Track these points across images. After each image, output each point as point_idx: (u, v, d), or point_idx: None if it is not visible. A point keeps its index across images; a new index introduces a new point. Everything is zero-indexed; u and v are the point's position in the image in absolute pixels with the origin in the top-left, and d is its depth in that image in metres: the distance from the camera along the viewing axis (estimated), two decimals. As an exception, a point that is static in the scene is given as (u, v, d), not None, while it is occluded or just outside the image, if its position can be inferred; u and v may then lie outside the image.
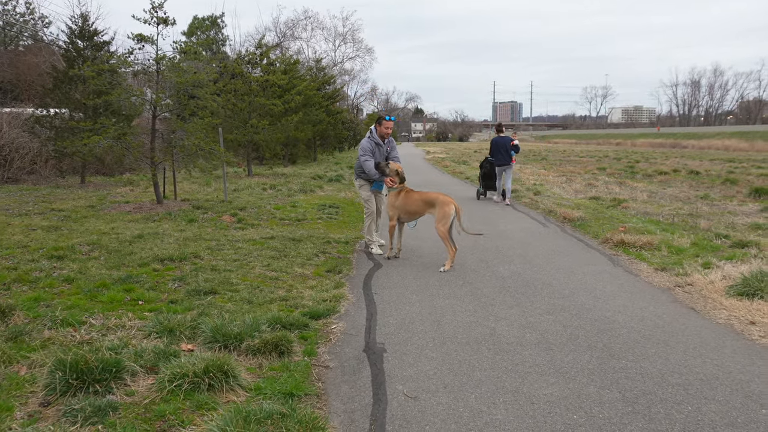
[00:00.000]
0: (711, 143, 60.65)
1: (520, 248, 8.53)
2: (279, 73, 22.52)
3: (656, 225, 10.44)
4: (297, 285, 6.31)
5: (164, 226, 9.53)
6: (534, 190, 16.31)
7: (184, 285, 6.17)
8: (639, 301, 5.86)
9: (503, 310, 5.55)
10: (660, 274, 7.00)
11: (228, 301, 5.64)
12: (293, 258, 7.52)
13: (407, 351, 4.50)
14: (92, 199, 13.35)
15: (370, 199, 8.25)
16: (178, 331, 4.52)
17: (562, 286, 6.42)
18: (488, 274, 6.96)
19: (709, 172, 24.69)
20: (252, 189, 15.92)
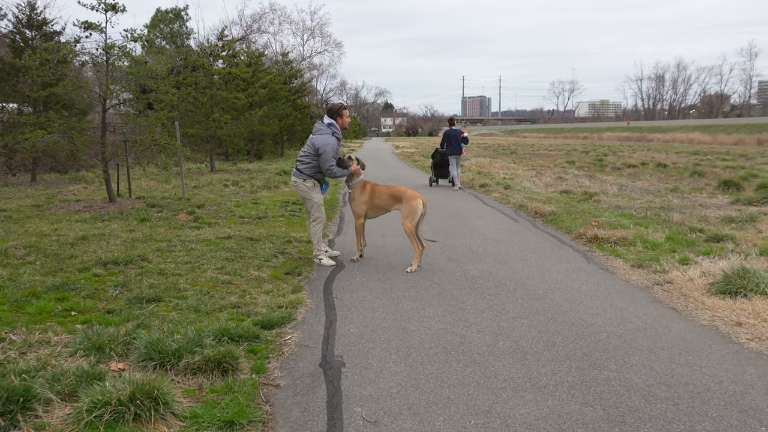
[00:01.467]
0: (675, 136, 61.66)
1: (491, 246, 8.15)
2: (243, 65, 21.83)
3: (629, 219, 10.18)
4: (251, 290, 5.80)
5: (113, 226, 8.89)
6: (504, 185, 16.02)
7: (126, 292, 5.62)
8: (617, 302, 5.51)
9: (474, 314, 5.14)
10: (637, 271, 6.67)
11: (173, 309, 5.11)
12: (250, 259, 7.00)
13: (368, 365, 4.05)
14: (40, 197, 12.59)
15: (322, 204, 7.17)
16: (109, 347, 3.99)
17: (536, 286, 6.03)
18: (458, 274, 6.54)
19: (676, 165, 24.78)
20: (213, 186, 15.28)
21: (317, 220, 7.09)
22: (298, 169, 6.99)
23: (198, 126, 19.44)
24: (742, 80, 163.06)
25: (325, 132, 6.84)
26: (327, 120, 6.95)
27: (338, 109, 7.00)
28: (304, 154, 7.00)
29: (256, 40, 63.08)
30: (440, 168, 16.48)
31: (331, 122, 6.93)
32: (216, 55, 20.30)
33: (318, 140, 6.79)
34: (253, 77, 23.21)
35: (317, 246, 7.10)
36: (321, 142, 6.77)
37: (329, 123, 6.93)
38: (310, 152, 6.91)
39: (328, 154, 6.74)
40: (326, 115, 7.03)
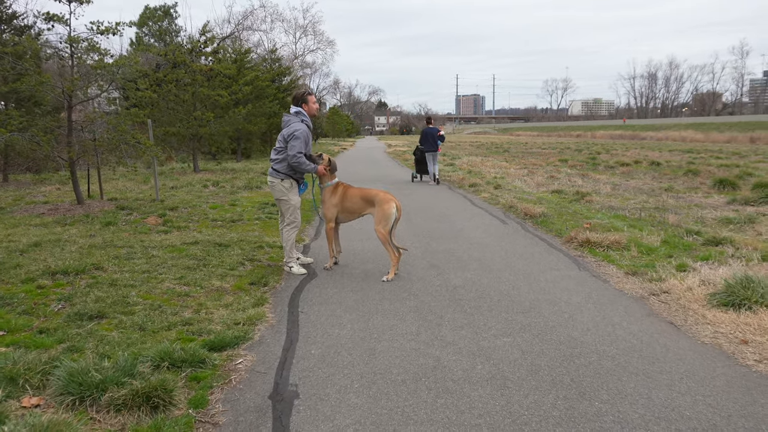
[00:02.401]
0: (668, 134, 61.51)
1: (476, 250, 7.64)
2: (226, 62, 21.26)
3: (623, 220, 9.70)
4: (209, 303, 5.27)
5: (72, 231, 8.33)
6: (495, 184, 15.52)
7: (68, 306, 5.08)
8: (610, 315, 5.01)
9: (452, 331, 4.63)
10: (631, 279, 6.18)
11: (115, 327, 4.57)
12: (214, 268, 6.46)
13: (326, 395, 3.53)
14: (7, 199, 12.00)
15: (299, 207, 6.56)
16: (24, 378, 3.46)
17: (522, 297, 5.53)
18: (438, 284, 6.03)
19: (669, 163, 24.37)
20: (192, 186, 14.72)
21: (291, 225, 6.51)
22: (273, 169, 6.42)
23: (180, 124, 18.86)
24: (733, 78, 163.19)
25: (294, 120, 6.33)
26: (293, 109, 6.43)
27: (302, 95, 6.47)
28: (277, 150, 6.44)
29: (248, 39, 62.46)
30: (421, 164, 17.18)
31: (298, 110, 6.41)
32: (198, 51, 19.70)
33: (286, 131, 6.29)
34: (238, 74, 22.65)
35: (288, 253, 6.52)
36: (289, 131, 6.25)
37: (296, 111, 6.41)
38: (282, 147, 6.35)
39: (297, 140, 6.17)
40: (292, 104, 6.50)
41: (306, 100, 6.42)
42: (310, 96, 6.48)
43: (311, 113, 6.47)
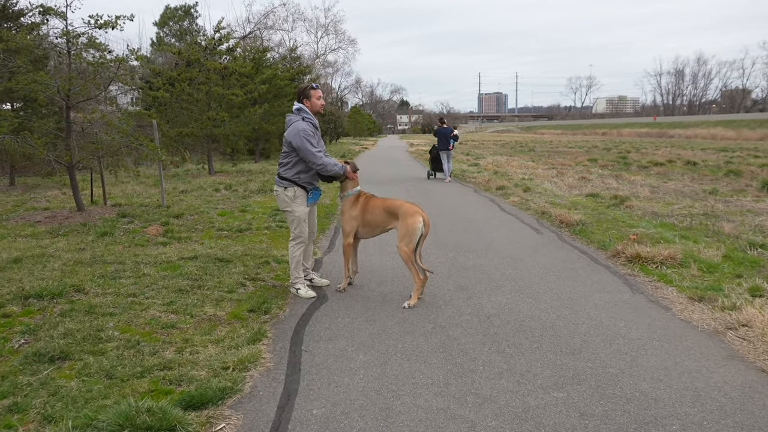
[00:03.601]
0: (697, 132, 59.85)
1: (509, 267, 6.72)
2: (241, 60, 20.54)
3: (671, 230, 8.69)
4: (197, 338, 4.44)
5: (60, 244, 7.58)
6: (523, 186, 14.54)
7: (33, 341, 4.29)
8: (682, 358, 4.07)
9: (488, 381, 3.73)
10: (698, 306, 5.22)
11: (77, 374, 3.76)
12: (209, 290, 5.64)
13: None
14: (6, 205, 11.38)
15: (304, 219, 5.65)
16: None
17: (570, 332, 4.61)
18: (468, 311, 5.13)
19: (706, 163, 23.12)
20: (203, 190, 13.98)
21: (297, 240, 5.67)
22: (279, 176, 5.62)
23: (193, 125, 18.17)
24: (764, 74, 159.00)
25: (294, 120, 5.49)
26: (295, 106, 5.58)
27: (304, 89, 5.58)
28: (283, 155, 5.62)
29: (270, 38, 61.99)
30: (436, 162, 17.68)
31: (299, 107, 5.55)
32: (213, 48, 18.99)
33: (288, 133, 5.46)
34: (256, 72, 21.92)
35: (294, 271, 5.70)
36: (291, 133, 5.42)
37: (297, 108, 5.56)
38: (287, 151, 5.55)
39: (305, 143, 5.36)
40: (295, 101, 5.66)
41: (308, 95, 5.54)
42: (314, 90, 5.54)
43: (314, 110, 5.58)
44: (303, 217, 5.63)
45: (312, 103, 5.55)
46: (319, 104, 5.58)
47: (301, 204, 5.60)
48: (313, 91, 5.54)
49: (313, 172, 5.58)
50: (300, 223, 5.64)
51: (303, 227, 5.65)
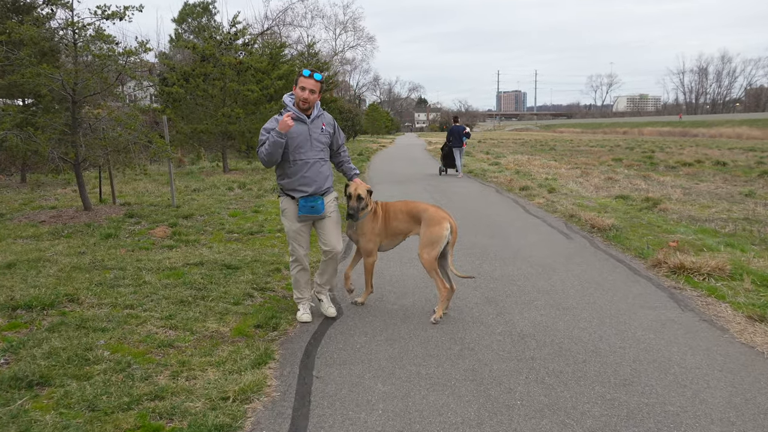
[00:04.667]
0: (721, 131, 58.51)
1: (541, 278, 6.16)
2: (258, 56, 20.12)
3: (713, 236, 8.07)
4: (195, 359, 3.95)
5: (59, 247, 7.13)
6: (548, 187, 13.92)
7: (13, 362, 3.83)
8: (752, 392, 3.50)
9: (528, 421, 3.19)
10: (759, 327, 4.62)
11: (56, 405, 3.29)
12: (213, 301, 5.16)
13: None
14: (13, 203, 11.02)
15: (294, 237, 4.74)
16: None
17: (617, 357, 4.05)
18: (499, 330, 4.59)
19: (736, 163, 22.28)
20: (216, 188, 13.54)
21: (291, 260, 4.91)
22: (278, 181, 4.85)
23: (208, 121, 17.78)
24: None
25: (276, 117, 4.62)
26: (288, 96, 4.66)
27: (297, 75, 4.62)
28: None
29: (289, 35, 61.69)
30: (448, 159, 18.45)
31: (289, 96, 4.63)
32: (228, 44, 18.58)
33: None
34: (272, 68, 21.48)
35: (294, 291, 4.96)
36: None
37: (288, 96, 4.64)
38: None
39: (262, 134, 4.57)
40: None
41: (296, 81, 4.53)
42: (302, 78, 4.47)
43: (301, 100, 4.48)
44: (291, 234, 4.73)
45: (296, 93, 4.52)
46: (301, 96, 4.47)
47: (288, 218, 4.70)
48: (300, 78, 4.48)
49: (297, 177, 4.56)
50: (290, 241, 4.80)
51: (294, 246, 4.78)
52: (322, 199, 4.63)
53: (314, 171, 4.58)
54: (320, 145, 4.64)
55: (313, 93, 4.46)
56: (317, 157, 4.61)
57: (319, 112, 4.64)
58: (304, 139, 4.53)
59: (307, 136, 4.55)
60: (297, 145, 4.50)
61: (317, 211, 4.62)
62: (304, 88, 4.43)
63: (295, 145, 4.50)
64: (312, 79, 4.45)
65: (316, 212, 4.62)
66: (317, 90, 4.50)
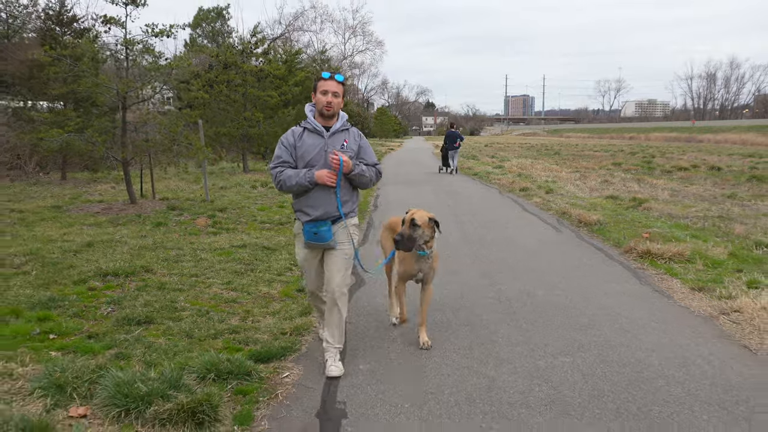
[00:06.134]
0: (727, 137, 59.00)
1: (530, 260, 7.36)
2: (276, 63, 21.42)
3: (684, 230, 9.23)
4: (256, 310, 5.19)
5: (123, 231, 8.43)
6: (546, 188, 15.10)
7: (118, 309, 5.08)
8: (677, 336, 4.69)
9: (507, 347, 4.40)
10: (698, 295, 5.81)
11: (163, 334, 4.53)
12: (261, 273, 6.40)
13: (375, 416, 3.37)
14: (65, 197, 12.32)
15: (302, 264, 4.26)
16: (72, 387, 3.41)
17: (579, 312, 5.25)
18: (491, 295, 5.80)
19: (731, 168, 23.33)
20: (241, 187, 14.83)
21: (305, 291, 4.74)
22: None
23: (230, 125, 19.08)
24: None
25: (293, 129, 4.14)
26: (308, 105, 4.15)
27: (314, 80, 4.08)
28: None
29: (298, 39, 63.16)
30: (446, 159, 21.49)
31: (309, 107, 4.13)
32: (249, 52, 19.90)
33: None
34: (288, 75, 22.79)
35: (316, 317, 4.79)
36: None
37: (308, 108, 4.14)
38: None
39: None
40: None
41: (314, 88, 4.02)
42: (321, 81, 3.97)
43: (321, 106, 3.95)
44: (300, 262, 4.27)
45: (316, 99, 3.99)
46: (323, 101, 3.93)
47: (299, 244, 4.17)
48: (320, 83, 3.97)
49: (304, 197, 4.00)
50: (300, 265, 4.33)
51: (304, 275, 4.35)
52: (329, 226, 3.95)
53: (324, 192, 3.94)
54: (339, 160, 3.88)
55: (336, 96, 3.94)
56: None
57: (344, 126, 4.08)
58: (318, 155, 3.96)
59: (322, 152, 3.95)
60: (309, 161, 3.96)
61: (321, 239, 3.96)
62: (326, 92, 3.92)
63: (307, 160, 3.96)
64: (333, 80, 3.95)
65: (319, 240, 3.96)
66: (340, 93, 3.97)
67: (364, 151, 4.15)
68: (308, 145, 3.98)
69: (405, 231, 4.21)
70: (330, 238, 3.98)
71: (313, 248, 4.08)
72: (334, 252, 4.04)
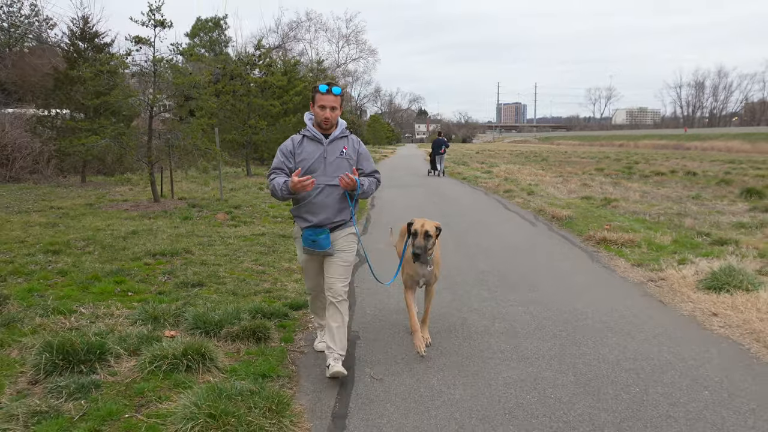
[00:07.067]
0: (714, 144, 60.50)
1: (505, 246, 8.75)
2: (278, 74, 22.82)
3: (642, 223, 10.64)
4: (282, 278, 6.55)
5: (159, 223, 9.79)
6: (528, 190, 16.52)
7: (173, 278, 6.42)
8: (610, 295, 6.08)
9: (477, 302, 5.78)
10: (636, 269, 7.21)
11: (214, 292, 5.88)
12: (281, 253, 7.76)
13: (380, 338, 4.74)
14: (91, 197, 13.63)
15: (303, 268, 4.37)
16: (163, 318, 4.77)
17: (537, 280, 6.64)
18: (466, 269, 7.18)
19: (706, 173, 24.83)
20: (248, 188, 16.18)
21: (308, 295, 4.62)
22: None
23: (235, 132, 20.44)
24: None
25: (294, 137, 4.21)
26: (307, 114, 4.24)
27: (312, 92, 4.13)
28: None
29: (292, 48, 64.66)
30: (433, 163, 24.57)
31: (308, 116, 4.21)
32: (253, 64, 21.32)
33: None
34: (288, 85, 24.19)
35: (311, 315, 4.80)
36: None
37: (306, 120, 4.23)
38: None
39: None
40: None
41: (313, 99, 4.07)
42: (319, 94, 4.00)
43: (320, 118, 4.03)
44: (301, 264, 4.38)
45: (314, 112, 4.07)
46: (321, 116, 4.00)
47: (299, 247, 4.26)
48: (317, 96, 4.01)
49: (303, 203, 4.07)
50: (303, 270, 4.43)
51: (306, 278, 4.44)
52: (327, 233, 4.01)
53: (323, 198, 4.02)
54: (336, 170, 4.03)
55: (334, 110, 4.00)
56: (331, 183, 4.01)
57: (343, 133, 4.14)
58: (317, 162, 4.03)
59: (321, 159, 4.04)
60: (308, 168, 4.00)
61: (319, 246, 4.01)
62: (324, 107, 3.97)
63: (307, 167, 4.00)
64: (331, 94, 3.98)
65: (317, 248, 4.02)
66: (338, 105, 4.02)
67: (364, 158, 4.23)
68: (308, 152, 4.05)
69: (421, 243, 4.30)
70: (328, 246, 4.02)
71: (312, 254, 4.11)
72: (333, 259, 4.08)
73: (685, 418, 3.44)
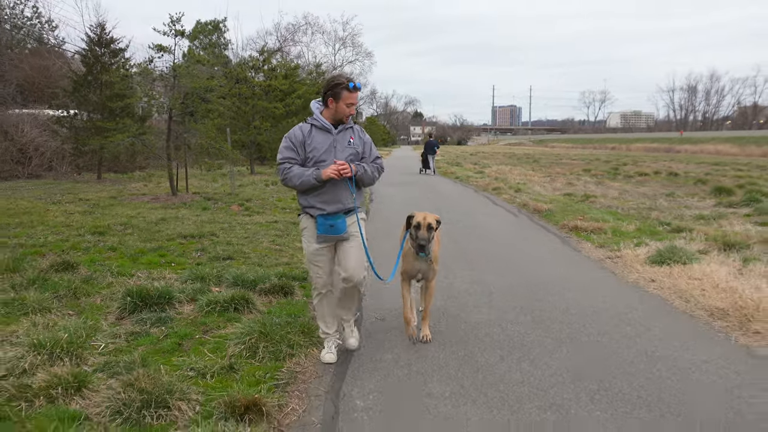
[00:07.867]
0: (704, 148, 61.59)
1: (491, 233, 9.97)
2: (280, 77, 24.02)
3: (613, 215, 11.88)
4: (298, 254, 7.74)
5: (182, 212, 10.98)
6: (516, 188, 17.75)
7: (205, 254, 7.61)
8: (572, 269, 7.29)
9: (460, 272, 7.00)
10: (598, 250, 8.44)
11: (243, 264, 7.07)
12: (294, 236, 8.95)
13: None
14: (111, 191, 14.80)
15: (312, 258, 4.33)
16: (208, 279, 5.97)
17: (511, 258, 7.86)
18: (454, 251, 8.39)
19: (688, 174, 26.09)
20: (255, 185, 17.37)
21: (312, 288, 4.54)
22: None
23: (240, 132, 21.64)
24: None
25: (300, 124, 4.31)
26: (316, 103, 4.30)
27: (334, 86, 4.11)
28: None
29: (290, 50, 65.81)
30: (426, 162, 26.83)
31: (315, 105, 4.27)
32: (257, 68, 22.53)
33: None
34: (289, 88, 25.41)
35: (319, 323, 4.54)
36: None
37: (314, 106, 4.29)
38: None
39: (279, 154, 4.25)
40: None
41: (338, 96, 4.09)
42: (349, 92, 4.09)
43: (338, 116, 4.16)
44: (309, 257, 4.32)
45: (338, 109, 4.11)
46: (347, 112, 4.13)
47: (308, 238, 4.29)
48: (345, 93, 4.06)
49: (316, 193, 4.15)
50: (308, 265, 4.45)
51: (313, 271, 4.37)
52: (343, 218, 4.16)
53: (336, 188, 4.12)
54: (345, 158, 4.13)
55: (351, 107, 4.14)
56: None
57: (349, 123, 4.24)
58: (327, 152, 4.10)
59: (331, 148, 4.12)
60: (319, 157, 4.08)
61: (337, 230, 4.14)
62: (351, 104, 4.11)
63: (318, 157, 4.08)
64: (357, 91, 4.12)
65: (335, 232, 4.14)
66: (356, 103, 4.16)
67: (369, 147, 4.36)
68: (318, 142, 4.09)
69: (425, 234, 4.40)
70: (344, 229, 4.14)
71: (326, 242, 4.18)
72: (349, 242, 4.19)
73: (609, 341, 4.66)
